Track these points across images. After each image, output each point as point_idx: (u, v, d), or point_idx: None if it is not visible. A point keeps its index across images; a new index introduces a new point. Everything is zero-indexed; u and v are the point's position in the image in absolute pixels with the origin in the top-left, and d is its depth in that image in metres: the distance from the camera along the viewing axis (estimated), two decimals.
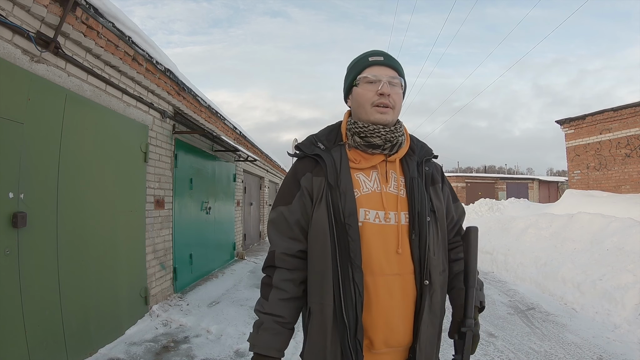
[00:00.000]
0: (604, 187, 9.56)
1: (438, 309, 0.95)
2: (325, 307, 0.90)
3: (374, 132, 0.96)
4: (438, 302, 0.94)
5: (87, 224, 2.75)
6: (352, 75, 1.02)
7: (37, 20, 2.27)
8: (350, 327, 0.86)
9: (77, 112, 2.65)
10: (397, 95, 0.98)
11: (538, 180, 25.02)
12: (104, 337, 2.90)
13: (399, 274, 0.91)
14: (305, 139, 1.05)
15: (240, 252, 7.64)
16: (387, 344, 0.90)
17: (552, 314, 3.88)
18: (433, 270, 0.93)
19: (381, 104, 0.96)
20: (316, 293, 0.93)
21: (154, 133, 3.92)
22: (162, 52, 3.85)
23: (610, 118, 9.45)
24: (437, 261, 0.94)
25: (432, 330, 0.93)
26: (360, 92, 0.99)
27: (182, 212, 4.64)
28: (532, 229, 6.28)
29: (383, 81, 0.96)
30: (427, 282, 0.91)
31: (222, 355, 2.89)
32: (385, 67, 0.99)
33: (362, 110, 0.99)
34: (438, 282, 0.94)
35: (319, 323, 0.91)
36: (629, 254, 4.19)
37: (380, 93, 0.95)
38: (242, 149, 6.07)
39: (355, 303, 0.87)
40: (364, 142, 0.98)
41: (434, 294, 0.93)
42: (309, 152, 1.00)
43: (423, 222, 0.93)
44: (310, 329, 0.94)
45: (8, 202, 2.02)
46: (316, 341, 0.92)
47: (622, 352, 2.91)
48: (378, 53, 1.02)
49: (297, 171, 1.01)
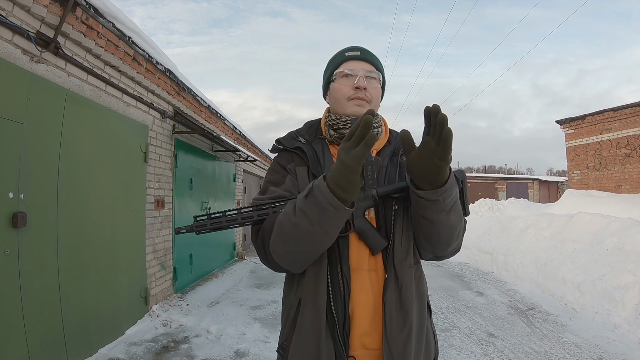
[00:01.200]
0: (604, 187, 9.56)
1: (411, 306, 0.87)
2: (319, 299, 0.86)
3: (347, 123, 0.95)
4: (411, 298, 0.87)
5: (87, 224, 2.75)
6: (329, 71, 1.01)
7: (37, 20, 2.27)
8: (339, 320, 0.85)
9: (77, 112, 2.65)
10: (374, 89, 0.97)
11: (538, 180, 25.01)
12: (104, 337, 2.90)
13: (373, 270, 0.89)
14: (286, 134, 1.04)
15: (240, 252, 7.64)
16: (363, 345, 0.86)
17: (552, 314, 3.88)
18: (398, 262, 0.88)
19: (357, 97, 0.95)
20: (309, 282, 0.88)
21: (154, 133, 3.92)
22: (162, 52, 3.85)
23: (610, 118, 9.45)
24: (403, 253, 0.89)
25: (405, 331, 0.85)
26: (336, 86, 0.98)
27: (182, 212, 4.64)
28: (532, 229, 6.27)
29: (359, 75, 0.95)
30: (386, 274, 0.87)
31: (222, 355, 2.89)
32: (362, 61, 0.98)
33: (338, 105, 0.98)
34: (407, 275, 0.88)
35: (312, 314, 0.86)
36: (629, 254, 4.19)
37: (356, 87, 0.94)
38: (242, 149, 6.07)
39: (343, 295, 0.85)
40: (338, 134, 0.97)
41: (403, 288, 0.87)
42: (290, 146, 0.99)
43: (388, 211, 0.90)
44: (300, 322, 0.88)
45: (8, 202, 2.02)
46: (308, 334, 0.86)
47: (622, 352, 2.91)
48: (354, 48, 1.00)
49: (282, 161, 0.99)
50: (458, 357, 2.88)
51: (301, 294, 0.89)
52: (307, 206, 0.75)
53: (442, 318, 3.82)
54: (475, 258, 7.02)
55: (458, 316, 3.87)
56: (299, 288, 0.91)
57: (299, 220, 0.76)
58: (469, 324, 3.63)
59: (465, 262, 7.18)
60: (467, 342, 3.17)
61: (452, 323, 3.65)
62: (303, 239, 0.78)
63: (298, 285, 0.91)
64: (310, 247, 0.80)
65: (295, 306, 0.90)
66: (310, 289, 0.88)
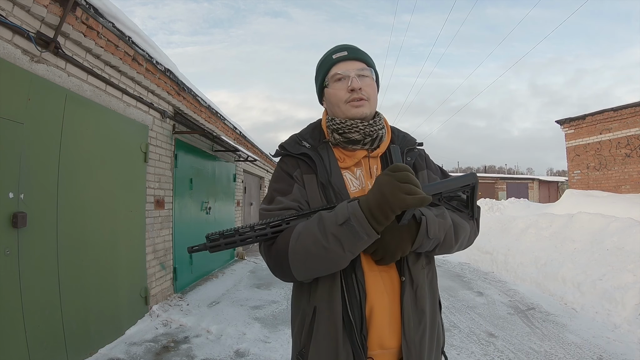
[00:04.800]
0: (604, 187, 9.56)
1: (425, 304, 0.90)
2: (335, 305, 0.87)
3: (352, 127, 0.94)
4: (425, 297, 0.90)
5: (87, 224, 2.75)
6: (321, 77, 1.00)
7: (37, 21, 2.27)
8: (356, 324, 0.85)
9: (77, 112, 2.65)
10: (369, 86, 0.95)
11: (538, 180, 25.01)
12: (104, 337, 2.90)
13: (385, 270, 0.89)
14: (288, 139, 1.02)
15: (240, 252, 7.64)
16: (380, 346, 0.87)
17: (552, 314, 3.88)
18: (412, 264, 0.90)
19: (354, 99, 0.93)
20: (324, 291, 0.88)
21: (154, 133, 3.92)
22: (162, 52, 3.85)
23: (610, 118, 9.45)
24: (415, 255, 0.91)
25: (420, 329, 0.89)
26: (331, 92, 0.96)
27: (182, 212, 4.64)
28: (532, 229, 6.27)
29: (351, 76, 0.93)
30: (403, 278, 0.88)
31: (222, 355, 2.89)
32: (351, 60, 0.96)
33: (337, 109, 0.96)
34: (420, 276, 0.91)
35: (329, 321, 0.87)
36: (629, 254, 4.19)
37: (351, 89, 0.93)
38: (242, 149, 6.07)
39: (360, 300, 0.85)
40: (343, 138, 0.95)
41: (417, 289, 0.89)
42: (295, 152, 0.97)
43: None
44: (317, 328, 0.88)
45: (8, 202, 2.02)
46: (325, 341, 0.87)
47: (622, 352, 2.91)
48: (341, 48, 0.98)
49: (287, 168, 0.97)
50: (458, 357, 2.88)
51: (316, 301, 0.90)
52: (342, 234, 0.77)
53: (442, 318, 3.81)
54: (475, 258, 7.02)
55: (458, 316, 3.87)
56: (312, 295, 0.91)
57: (331, 245, 0.78)
58: (469, 323, 3.63)
59: (465, 262, 7.18)
60: (467, 342, 3.17)
61: (452, 323, 3.65)
62: (330, 260, 0.81)
63: (311, 292, 0.91)
64: (334, 267, 0.83)
65: (310, 314, 0.90)
66: (326, 297, 0.88)
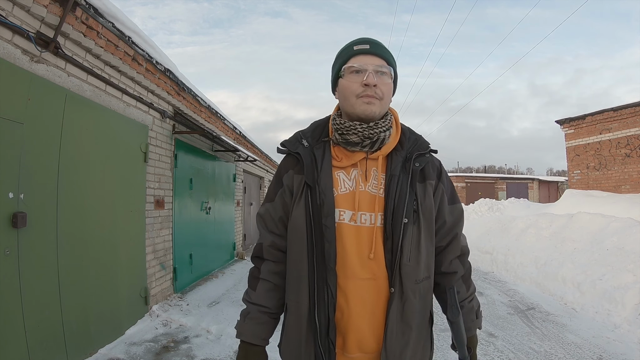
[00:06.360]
0: (604, 187, 9.56)
1: (412, 319, 0.88)
2: (301, 305, 0.89)
3: (350, 129, 0.90)
4: (413, 312, 0.88)
5: (87, 224, 2.75)
6: (337, 66, 0.95)
7: (37, 21, 2.27)
8: (321, 327, 0.86)
9: (77, 112, 2.65)
10: (385, 85, 0.91)
11: (538, 180, 25.01)
12: (104, 337, 2.89)
13: (372, 279, 0.87)
14: (292, 135, 1.01)
15: (240, 252, 7.64)
16: (360, 349, 0.88)
17: (552, 314, 3.88)
18: (405, 277, 0.87)
19: (366, 95, 0.89)
20: (292, 290, 0.92)
21: (154, 133, 3.92)
22: (162, 52, 3.85)
23: (610, 118, 9.45)
24: (411, 268, 0.87)
25: (403, 341, 0.87)
26: (345, 83, 0.92)
27: (182, 212, 4.64)
28: (532, 229, 6.27)
29: (369, 71, 0.88)
30: (392, 289, 0.86)
31: (222, 355, 2.89)
32: (372, 55, 0.91)
33: (347, 102, 0.92)
34: (412, 290, 0.88)
35: (295, 320, 0.91)
36: (629, 254, 4.19)
37: (365, 84, 0.88)
38: (242, 149, 6.07)
39: (327, 305, 0.86)
40: (342, 139, 0.93)
41: (406, 302, 0.87)
42: (292, 150, 0.96)
43: (397, 225, 0.86)
44: (287, 324, 0.95)
45: (8, 202, 2.02)
46: (292, 337, 0.92)
47: (622, 352, 2.91)
48: (364, 41, 0.93)
49: (281, 168, 1.00)
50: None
51: (287, 299, 0.95)
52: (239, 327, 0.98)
53: (442, 318, 3.81)
54: (475, 258, 7.02)
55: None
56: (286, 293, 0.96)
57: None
58: None
59: None
60: None
61: None
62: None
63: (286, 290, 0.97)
64: None
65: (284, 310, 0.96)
66: (293, 297, 0.92)
